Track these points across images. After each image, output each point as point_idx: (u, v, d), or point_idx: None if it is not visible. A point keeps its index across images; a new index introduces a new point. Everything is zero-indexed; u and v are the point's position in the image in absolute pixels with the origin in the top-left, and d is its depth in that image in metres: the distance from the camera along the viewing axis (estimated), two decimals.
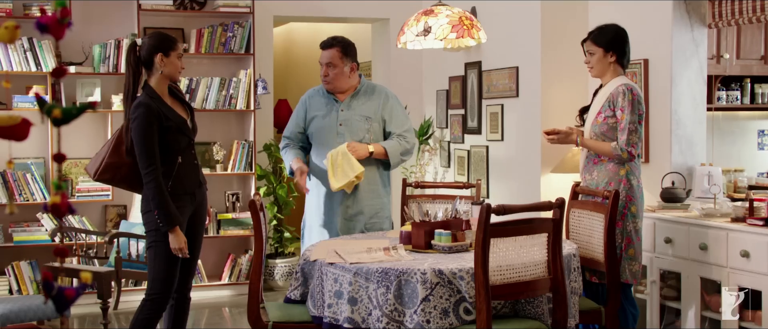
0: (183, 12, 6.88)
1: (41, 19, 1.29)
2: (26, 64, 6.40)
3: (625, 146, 4.24)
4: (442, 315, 3.38)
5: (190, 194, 4.24)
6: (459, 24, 4.33)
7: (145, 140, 4.02)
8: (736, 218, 4.41)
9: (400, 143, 4.71)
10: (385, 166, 4.76)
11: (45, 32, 1.29)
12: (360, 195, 4.66)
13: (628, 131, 4.23)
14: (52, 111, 1.30)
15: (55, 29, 1.28)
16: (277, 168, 7.22)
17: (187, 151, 4.23)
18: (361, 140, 4.66)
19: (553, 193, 5.71)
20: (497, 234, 3.35)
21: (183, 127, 4.18)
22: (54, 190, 1.35)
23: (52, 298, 1.31)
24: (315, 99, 4.81)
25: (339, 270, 3.56)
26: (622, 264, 4.27)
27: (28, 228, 6.45)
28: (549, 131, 4.51)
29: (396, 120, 4.77)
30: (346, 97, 4.73)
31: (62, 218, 1.36)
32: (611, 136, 4.32)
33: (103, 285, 5.71)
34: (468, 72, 7.00)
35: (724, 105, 6.11)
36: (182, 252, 4.08)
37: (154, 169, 4.03)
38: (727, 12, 5.17)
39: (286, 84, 9.84)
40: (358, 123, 4.69)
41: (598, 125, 4.35)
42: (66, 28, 1.31)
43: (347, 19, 7.94)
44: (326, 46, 4.71)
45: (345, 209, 4.67)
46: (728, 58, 5.83)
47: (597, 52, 4.38)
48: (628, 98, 4.24)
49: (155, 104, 4.07)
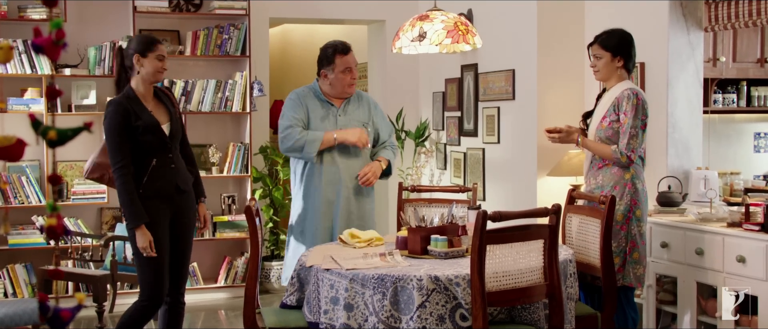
0: (178, 14, 6.87)
1: (37, 40, 1.28)
2: (21, 67, 6.38)
3: (624, 150, 4.24)
4: (439, 322, 3.37)
5: (167, 198, 4.23)
6: (454, 29, 4.32)
7: (113, 137, 4.08)
8: (733, 223, 4.41)
9: (393, 152, 4.90)
10: (383, 175, 4.85)
11: (40, 53, 1.28)
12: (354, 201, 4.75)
13: (629, 136, 4.24)
14: (47, 133, 1.29)
15: (50, 51, 1.27)
16: (273, 170, 7.21)
17: (163, 154, 4.21)
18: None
19: (549, 196, 5.72)
20: (493, 241, 3.35)
21: (155, 129, 4.16)
22: (48, 211, 1.35)
23: (48, 321, 1.31)
24: (311, 101, 4.79)
25: (335, 276, 3.56)
26: (627, 268, 4.28)
27: (23, 231, 6.43)
28: (551, 130, 4.51)
29: (385, 128, 4.94)
30: (341, 102, 4.76)
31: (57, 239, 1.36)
32: (616, 140, 4.33)
33: (98, 288, 5.71)
34: (464, 74, 7.00)
35: (720, 108, 6.13)
36: (146, 250, 4.10)
37: (121, 166, 4.07)
38: (723, 15, 5.17)
39: (282, 86, 9.82)
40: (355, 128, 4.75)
41: (603, 129, 4.35)
42: (61, 49, 1.30)
43: (343, 21, 7.93)
44: (349, 49, 4.76)
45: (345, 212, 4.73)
46: (725, 61, 5.83)
47: (605, 56, 4.37)
48: (632, 102, 4.25)
49: (127, 104, 4.11)
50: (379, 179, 4.85)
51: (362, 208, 4.78)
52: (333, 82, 4.72)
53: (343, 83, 4.71)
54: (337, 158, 4.70)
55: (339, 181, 4.71)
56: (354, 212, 4.75)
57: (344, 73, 4.70)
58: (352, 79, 4.73)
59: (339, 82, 4.71)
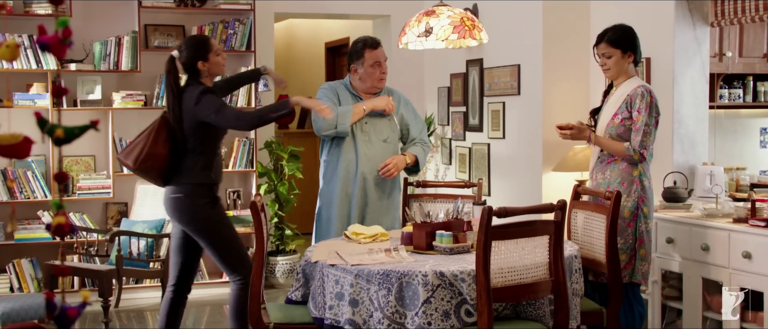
0: (184, 9, 6.87)
1: (43, 38, 1.28)
2: (27, 62, 6.38)
3: (637, 148, 4.23)
4: (444, 317, 3.37)
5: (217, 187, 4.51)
6: (460, 24, 4.32)
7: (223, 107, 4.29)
8: (738, 219, 4.40)
9: (424, 149, 4.92)
10: (411, 172, 4.92)
11: (46, 51, 1.28)
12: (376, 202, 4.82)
13: (643, 133, 4.23)
14: (54, 131, 1.30)
15: (56, 49, 1.28)
16: (278, 166, 7.21)
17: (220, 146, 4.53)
18: (385, 140, 4.81)
19: (554, 191, 5.71)
20: (499, 237, 3.35)
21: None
22: (54, 209, 1.35)
23: (54, 318, 1.31)
24: (342, 92, 4.86)
25: (340, 272, 3.56)
26: (635, 265, 4.28)
27: (28, 226, 6.44)
28: (563, 126, 4.48)
29: (416, 124, 4.97)
30: (370, 97, 4.80)
31: (64, 237, 1.36)
32: (628, 138, 4.31)
33: (104, 283, 5.72)
34: (470, 69, 6.99)
35: (726, 103, 6.10)
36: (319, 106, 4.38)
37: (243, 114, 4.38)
38: (729, 11, 5.16)
39: (287, 80, 9.83)
40: (381, 123, 4.82)
41: (614, 126, 4.34)
42: (68, 47, 1.31)
43: (348, 16, 7.93)
44: (379, 44, 4.81)
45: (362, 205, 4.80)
46: (731, 56, 5.81)
47: (615, 54, 4.34)
48: (646, 100, 4.24)
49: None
50: (408, 174, 4.95)
51: (381, 201, 4.79)
52: (363, 76, 4.78)
53: (372, 77, 4.77)
54: (361, 149, 4.75)
55: (356, 172, 4.75)
56: (372, 204, 4.77)
57: (374, 67, 4.75)
58: (382, 74, 4.78)
59: (368, 76, 4.77)
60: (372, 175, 4.76)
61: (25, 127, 5.97)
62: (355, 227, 4.27)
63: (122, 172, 6.64)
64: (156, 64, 6.80)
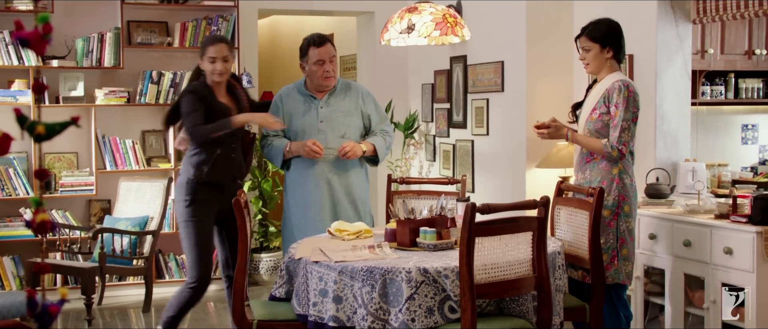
0: (167, 5, 6.84)
1: (23, 33, 1.27)
2: (8, 58, 6.34)
3: (616, 144, 4.19)
4: (427, 314, 3.38)
5: (220, 187, 4.53)
6: (443, 21, 4.31)
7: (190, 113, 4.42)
8: (720, 215, 4.43)
9: (384, 139, 4.85)
10: (371, 162, 4.84)
11: (26, 47, 1.27)
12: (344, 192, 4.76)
13: (621, 129, 4.18)
14: (34, 128, 1.29)
15: (36, 44, 1.27)
16: (261, 162, 7.20)
17: (226, 145, 4.51)
18: (343, 136, 4.75)
19: (538, 188, 5.73)
20: (482, 233, 3.35)
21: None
22: (34, 207, 1.35)
23: (35, 316, 1.31)
24: (290, 98, 4.83)
25: (324, 269, 3.56)
26: (618, 265, 4.25)
27: (10, 224, 6.40)
28: (539, 125, 4.45)
29: (378, 116, 4.91)
30: (324, 95, 4.76)
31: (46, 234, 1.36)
32: (606, 133, 4.26)
33: (86, 280, 5.69)
34: (453, 66, 7.00)
35: (708, 100, 6.14)
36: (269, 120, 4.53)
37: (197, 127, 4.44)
38: (711, 8, 5.19)
39: (271, 77, 9.81)
40: (338, 119, 4.77)
41: (592, 121, 4.31)
42: (48, 43, 1.30)
43: (332, 13, 7.92)
44: (324, 42, 4.74)
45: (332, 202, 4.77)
46: (713, 53, 5.85)
47: (593, 48, 4.31)
48: (623, 94, 4.19)
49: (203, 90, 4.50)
50: (369, 164, 4.89)
51: (348, 185, 4.79)
52: (309, 74, 4.77)
53: (316, 75, 4.73)
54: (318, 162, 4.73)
55: (318, 173, 4.74)
56: (340, 202, 4.76)
57: (317, 65, 4.70)
58: (325, 72, 4.71)
59: (313, 74, 4.74)
60: (334, 173, 4.75)
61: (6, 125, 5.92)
62: (338, 224, 4.26)
63: (105, 169, 6.60)
64: (139, 60, 6.77)
